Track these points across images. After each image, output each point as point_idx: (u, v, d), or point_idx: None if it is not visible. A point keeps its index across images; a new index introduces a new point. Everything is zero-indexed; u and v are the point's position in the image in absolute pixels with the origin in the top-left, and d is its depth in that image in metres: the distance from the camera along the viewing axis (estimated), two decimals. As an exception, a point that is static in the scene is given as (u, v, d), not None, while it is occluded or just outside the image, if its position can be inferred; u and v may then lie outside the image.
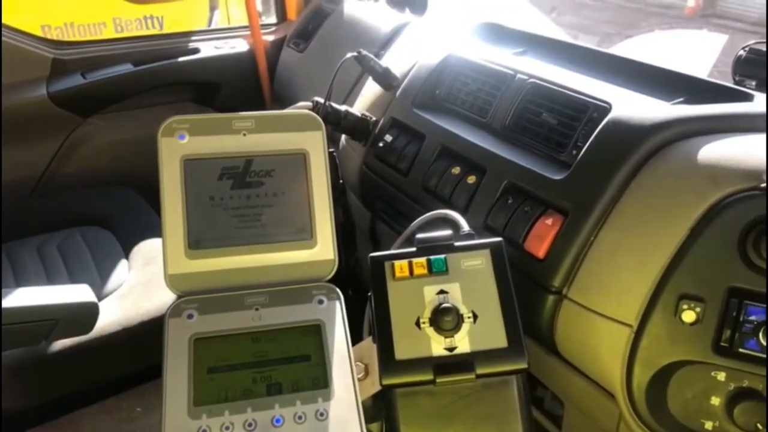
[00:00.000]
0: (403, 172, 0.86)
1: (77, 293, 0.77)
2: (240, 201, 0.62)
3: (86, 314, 0.78)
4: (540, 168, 0.70)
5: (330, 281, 0.63)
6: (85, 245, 1.13)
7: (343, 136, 1.01)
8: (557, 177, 0.68)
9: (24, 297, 0.73)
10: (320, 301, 0.60)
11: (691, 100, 0.72)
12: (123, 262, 1.09)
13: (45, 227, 1.19)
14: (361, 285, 1.09)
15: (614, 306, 0.61)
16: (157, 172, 0.59)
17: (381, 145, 0.91)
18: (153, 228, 1.17)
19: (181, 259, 0.59)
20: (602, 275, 0.62)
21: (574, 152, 0.69)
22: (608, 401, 0.64)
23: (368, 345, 0.64)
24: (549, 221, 0.66)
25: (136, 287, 1.01)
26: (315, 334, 0.57)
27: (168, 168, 0.60)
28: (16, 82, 1.33)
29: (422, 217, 0.70)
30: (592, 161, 0.66)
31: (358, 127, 0.95)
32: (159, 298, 0.98)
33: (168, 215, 0.60)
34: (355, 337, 0.61)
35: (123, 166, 1.47)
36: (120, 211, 1.23)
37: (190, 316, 0.57)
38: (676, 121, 0.65)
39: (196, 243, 0.60)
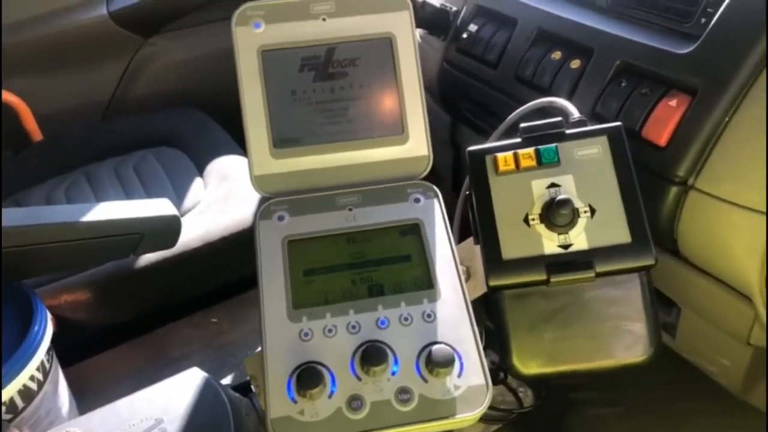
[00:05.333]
0: (491, 64, 0.78)
1: (160, 207, 0.76)
2: (324, 94, 0.56)
3: (170, 228, 0.76)
4: (660, 43, 0.61)
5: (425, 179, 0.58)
6: (159, 165, 1.12)
7: (419, 32, 0.92)
8: (682, 51, 0.59)
9: (108, 211, 0.72)
10: (417, 200, 0.55)
11: None
12: (198, 180, 1.08)
13: (118, 149, 1.19)
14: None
15: (753, 194, 0.53)
16: (221, 90, 0.55)
17: (464, 36, 0.82)
18: (224, 145, 1.15)
19: (267, 159, 0.55)
20: (739, 160, 0.54)
21: (703, 20, 0.59)
22: (739, 303, 0.58)
23: (467, 246, 0.59)
24: (673, 103, 0.58)
25: (214, 203, 0.99)
26: (414, 233, 0.53)
27: (245, 60, 0.56)
28: (77, 3, 1.30)
29: (523, 107, 0.62)
30: (727, 28, 0.56)
31: (436, 20, 0.87)
32: (238, 214, 0.96)
33: (249, 112, 0.55)
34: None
35: (188, 87, 1.44)
36: (190, 131, 1.21)
37: (281, 218, 0.54)
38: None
39: (281, 141, 0.55)
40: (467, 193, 0.57)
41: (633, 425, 0.83)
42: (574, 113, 0.58)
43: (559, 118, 0.56)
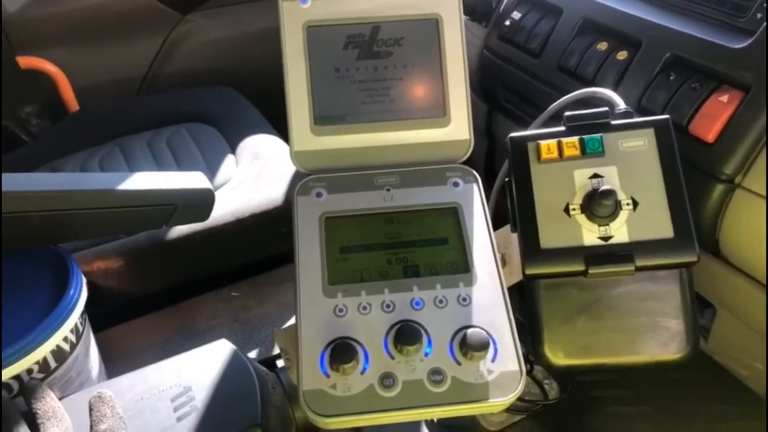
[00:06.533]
0: (534, 52, 0.77)
1: (194, 180, 0.76)
2: (367, 73, 0.56)
3: (203, 201, 0.77)
4: (713, 36, 0.59)
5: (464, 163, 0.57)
6: (192, 140, 1.13)
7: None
8: (736, 46, 0.57)
9: (144, 181, 0.72)
10: (455, 184, 0.55)
11: None
12: (230, 157, 1.08)
13: (153, 123, 1.20)
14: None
15: (803, 196, 0.51)
16: (255, 69, 0.55)
17: (507, 24, 0.81)
18: (258, 125, 1.15)
19: (307, 136, 0.55)
20: (790, 160, 0.53)
21: (759, 15, 0.57)
22: (779, 306, 0.56)
23: (504, 233, 0.59)
24: (724, 98, 0.56)
25: (246, 181, 1.00)
26: (452, 217, 0.52)
27: (290, 35, 0.55)
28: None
29: (567, 96, 0.61)
30: (785, 24, 0.55)
31: (479, 6, 0.86)
32: (268, 192, 0.96)
33: (292, 88, 0.55)
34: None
35: (222, 65, 1.45)
36: (224, 109, 1.22)
37: (319, 195, 0.54)
38: None
39: (323, 118, 0.55)
40: (506, 180, 0.57)
41: (658, 426, 0.82)
42: (620, 104, 0.57)
43: (605, 108, 0.55)
